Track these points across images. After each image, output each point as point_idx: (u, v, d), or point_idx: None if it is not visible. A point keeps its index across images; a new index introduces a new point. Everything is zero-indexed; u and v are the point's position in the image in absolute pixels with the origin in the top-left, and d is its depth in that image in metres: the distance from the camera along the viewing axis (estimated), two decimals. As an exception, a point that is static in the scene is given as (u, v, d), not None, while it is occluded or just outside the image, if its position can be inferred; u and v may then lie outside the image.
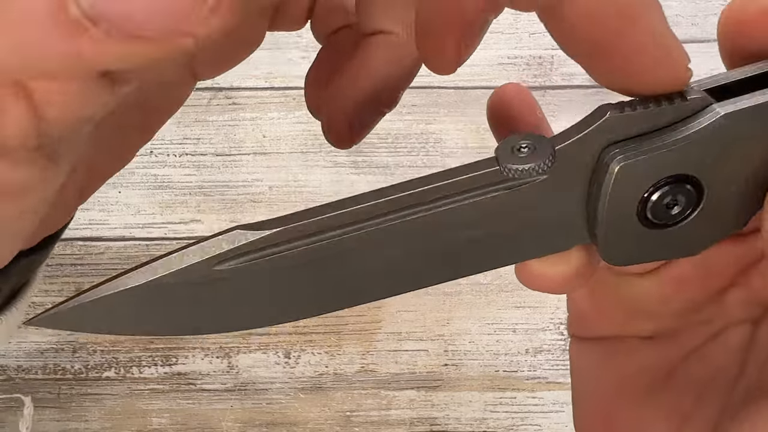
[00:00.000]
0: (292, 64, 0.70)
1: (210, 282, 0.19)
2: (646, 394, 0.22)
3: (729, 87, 0.20)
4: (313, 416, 0.70)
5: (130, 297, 0.19)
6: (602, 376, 0.22)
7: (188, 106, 0.76)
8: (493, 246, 0.19)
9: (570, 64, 0.71)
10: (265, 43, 0.28)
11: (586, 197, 0.19)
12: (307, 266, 0.20)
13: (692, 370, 0.22)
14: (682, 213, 0.19)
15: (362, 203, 0.19)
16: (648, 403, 0.22)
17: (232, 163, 0.71)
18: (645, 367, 0.22)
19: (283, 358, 0.70)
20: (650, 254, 0.20)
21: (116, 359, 0.70)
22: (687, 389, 0.21)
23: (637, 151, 0.18)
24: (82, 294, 0.20)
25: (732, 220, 0.19)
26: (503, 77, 0.71)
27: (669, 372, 0.22)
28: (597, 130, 0.19)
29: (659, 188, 0.18)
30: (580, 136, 0.19)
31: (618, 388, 0.22)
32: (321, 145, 0.70)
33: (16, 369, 0.70)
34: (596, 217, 0.18)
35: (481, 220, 0.19)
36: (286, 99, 0.70)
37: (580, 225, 0.19)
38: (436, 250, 0.19)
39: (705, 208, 0.19)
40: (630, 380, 0.22)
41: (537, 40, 0.71)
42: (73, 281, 0.70)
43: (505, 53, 0.71)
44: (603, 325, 0.23)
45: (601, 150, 0.19)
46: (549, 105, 0.70)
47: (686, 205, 0.19)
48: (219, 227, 0.76)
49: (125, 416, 0.70)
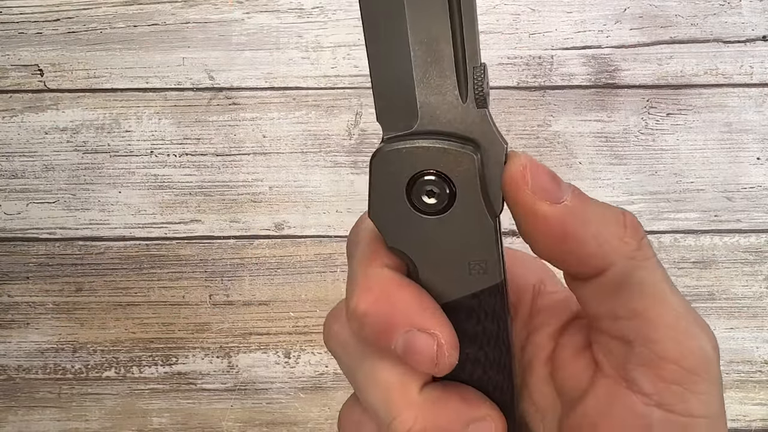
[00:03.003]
0: (292, 64, 0.70)
1: None
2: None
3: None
4: (313, 416, 0.70)
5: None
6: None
7: (188, 106, 0.76)
8: None
9: (570, 64, 0.71)
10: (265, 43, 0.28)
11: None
12: None
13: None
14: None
15: None
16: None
17: (232, 163, 0.71)
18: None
19: (283, 358, 0.70)
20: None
21: (116, 359, 0.70)
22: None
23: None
24: None
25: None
26: (503, 77, 0.71)
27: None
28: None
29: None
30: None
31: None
32: (321, 145, 0.71)
33: (17, 369, 0.71)
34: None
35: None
36: (286, 99, 0.70)
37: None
38: None
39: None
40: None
41: (537, 40, 0.71)
42: (74, 281, 0.70)
43: (505, 53, 0.71)
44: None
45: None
46: (549, 105, 0.70)
47: (442, 199, 0.23)
48: (219, 227, 0.76)
49: (125, 416, 0.70)
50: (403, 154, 0.23)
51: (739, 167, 0.70)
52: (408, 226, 0.23)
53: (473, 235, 0.23)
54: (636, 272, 0.23)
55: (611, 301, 0.23)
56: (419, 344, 0.23)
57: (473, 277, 0.24)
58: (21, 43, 0.71)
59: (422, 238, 0.23)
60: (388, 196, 0.23)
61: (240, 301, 0.70)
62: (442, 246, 0.23)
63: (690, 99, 0.70)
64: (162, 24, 0.71)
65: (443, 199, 0.23)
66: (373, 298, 0.23)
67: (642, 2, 0.71)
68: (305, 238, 0.70)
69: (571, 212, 0.23)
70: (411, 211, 0.23)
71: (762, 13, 0.71)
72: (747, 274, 0.70)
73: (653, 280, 0.23)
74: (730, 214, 0.70)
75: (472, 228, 0.23)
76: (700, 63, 0.71)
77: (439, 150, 0.23)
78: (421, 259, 0.24)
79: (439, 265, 0.24)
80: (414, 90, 0.23)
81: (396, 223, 0.23)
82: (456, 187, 0.23)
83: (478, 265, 0.24)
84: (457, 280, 0.24)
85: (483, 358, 0.25)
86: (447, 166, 0.23)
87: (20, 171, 0.71)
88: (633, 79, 0.71)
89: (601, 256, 0.23)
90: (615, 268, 0.23)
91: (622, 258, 0.23)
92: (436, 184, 0.23)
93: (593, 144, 0.70)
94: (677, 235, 0.70)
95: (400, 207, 0.23)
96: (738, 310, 0.70)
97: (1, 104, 0.71)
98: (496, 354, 0.25)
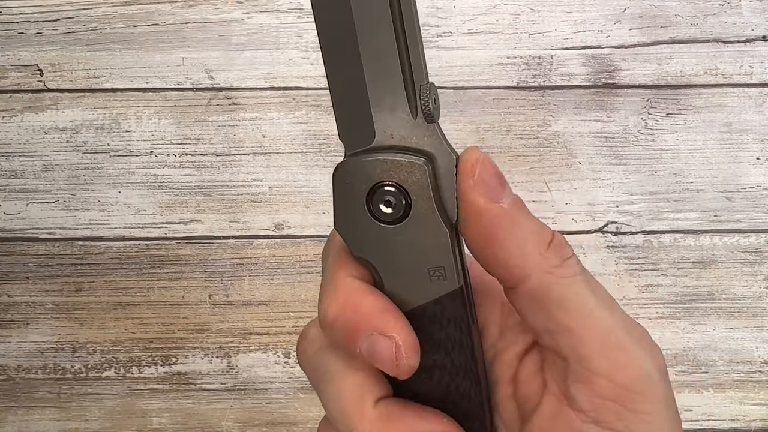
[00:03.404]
0: (292, 64, 0.70)
1: None
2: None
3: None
4: (313, 416, 0.70)
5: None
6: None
7: (188, 106, 0.76)
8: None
9: (569, 64, 0.71)
10: (265, 43, 0.28)
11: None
12: None
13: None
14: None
15: None
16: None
17: (232, 163, 0.71)
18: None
19: (283, 358, 0.70)
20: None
21: (116, 359, 0.70)
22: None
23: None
24: None
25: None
26: (503, 77, 0.71)
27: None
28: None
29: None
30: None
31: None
32: (321, 145, 0.71)
33: (16, 369, 0.71)
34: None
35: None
36: (286, 99, 0.70)
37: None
38: None
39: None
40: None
41: (537, 40, 0.71)
42: (74, 281, 0.70)
43: (505, 53, 0.71)
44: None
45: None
46: (548, 105, 0.70)
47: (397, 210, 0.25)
48: (219, 227, 0.76)
49: (125, 416, 0.70)
50: (361, 168, 0.25)
51: (739, 167, 0.70)
52: (370, 236, 0.25)
53: (430, 242, 0.25)
54: (554, 287, 0.24)
55: (538, 313, 0.24)
56: (379, 347, 0.24)
57: (433, 284, 0.25)
58: (21, 43, 0.71)
59: (383, 247, 0.25)
60: (350, 208, 0.25)
61: (240, 301, 0.70)
62: (402, 254, 0.25)
63: (690, 99, 0.70)
64: (162, 24, 0.71)
65: (400, 209, 0.25)
66: (339, 305, 0.24)
67: (642, 2, 0.71)
68: (305, 238, 0.70)
69: (504, 214, 0.24)
70: (372, 220, 0.25)
71: (762, 13, 0.71)
72: (747, 274, 0.70)
73: (574, 297, 0.24)
74: (730, 214, 0.70)
75: (428, 236, 0.25)
76: (700, 63, 0.71)
77: (393, 162, 0.24)
78: (384, 268, 0.25)
79: (401, 273, 0.25)
80: (370, 110, 0.25)
81: (359, 233, 0.25)
82: (411, 196, 0.25)
83: (437, 272, 0.25)
84: (419, 287, 0.25)
85: (449, 364, 0.26)
86: (401, 177, 0.24)
87: (20, 171, 0.71)
88: (633, 79, 0.71)
89: (520, 266, 0.24)
90: (532, 280, 0.24)
91: (539, 271, 0.24)
92: (393, 194, 0.24)
93: (593, 144, 0.70)
94: (677, 235, 0.70)
95: (361, 217, 0.25)
96: (738, 310, 0.70)
97: (1, 104, 0.71)
98: (462, 360, 0.26)
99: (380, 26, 0.24)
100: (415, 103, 0.25)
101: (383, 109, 0.25)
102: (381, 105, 0.25)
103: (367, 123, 0.25)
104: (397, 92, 0.25)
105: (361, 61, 0.24)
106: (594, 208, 0.70)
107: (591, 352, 0.23)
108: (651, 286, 0.70)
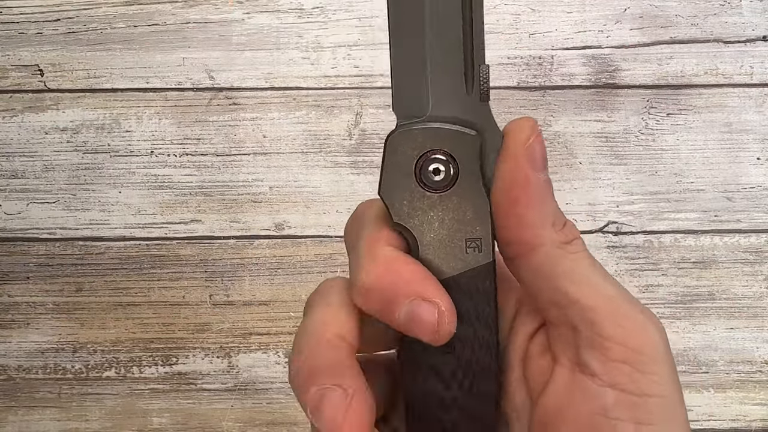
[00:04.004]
0: (292, 64, 0.70)
1: None
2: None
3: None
4: (313, 416, 0.70)
5: None
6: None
7: (188, 106, 0.76)
8: None
9: (570, 64, 0.71)
10: (266, 44, 0.28)
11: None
12: None
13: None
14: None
15: None
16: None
17: (232, 163, 0.71)
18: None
19: (283, 358, 0.70)
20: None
21: (116, 359, 0.70)
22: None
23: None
24: None
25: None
26: (503, 77, 0.71)
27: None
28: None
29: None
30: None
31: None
32: (321, 145, 0.71)
33: (17, 369, 0.71)
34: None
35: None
36: (287, 99, 0.70)
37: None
38: None
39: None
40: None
41: (537, 40, 0.71)
42: (74, 281, 0.70)
43: (505, 53, 0.71)
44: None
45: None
46: (549, 105, 0.70)
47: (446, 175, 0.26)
48: (219, 227, 0.76)
49: (125, 416, 0.70)
50: (415, 135, 0.26)
51: (739, 167, 0.70)
52: (413, 203, 0.26)
53: (471, 213, 0.26)
54: (562, 260, 0.25)
55: (545, 286, 0.25)
56: (422, 312, 0.25)
57: (469, 255, 0.26)
58: (21, 43, 0.71)
59: (425, 215, 0.26)
60: (398, 174, 0.26)
61: (240, 301, 0.70)
62: (443, 223, 0.26)
63: (690, 99, 0.70)
64: (162, 24, 0.71)
65: (448, 177, 0.26)
66: (379, 272, 0.25)
67: (642, 2, 0.71)
68: (305, 239, 0.70)
69: (541, 187, 0.25)
70: (418, 187, 0.26)
71: (762, 13, 0.71)
72: (747, 274, 0.70)
73: (580, 269, 0.25)
74: (730, 214, 0.70)
75: (470, 206, 0.26)
76: (700, 63, 0.71)
77: (447, 132, 0.26)
78: (423, 236, 0.26)
79: (439, 242, 0.26)
80: (428, 82, 0.26)
81: (403, 199, 0.26)
82: (459, 165, 0.26)
83: (474, 243, 0.26)
84: (454, 257, 0.26)
85: (472, 335, 0.27)
86: (453, 146, 0.26)
87: (20, 171, 0.71)
88: (633, 79, 0.71)
89: (537, 234, 0.25)
90: (543, 249, 0.25)
91: (551, 243, 0.25)
92: (443, 162, 0.26)
93: (593, 144, 0.70)
94: (677, 235, 0.70)
95: (408, 184, 0.26)
96: (738, 310, 0.70)
97: (1, 104, 0.71)
98: (485, 333, 0.27)
99: (450, 4, 0.25)
100: (472, 80, 0.26)
101: (440, 82, 0.26)
102: (439, 79, 0.26)
103: (423, 94, 0.26)
104: (456, 68, 0.26)
105: (425, 35, 0.25)
106: (594, 208, 0.70)
107: (602, 320, 0.24)
108: (651, 286, 0.70)
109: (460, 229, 0.26)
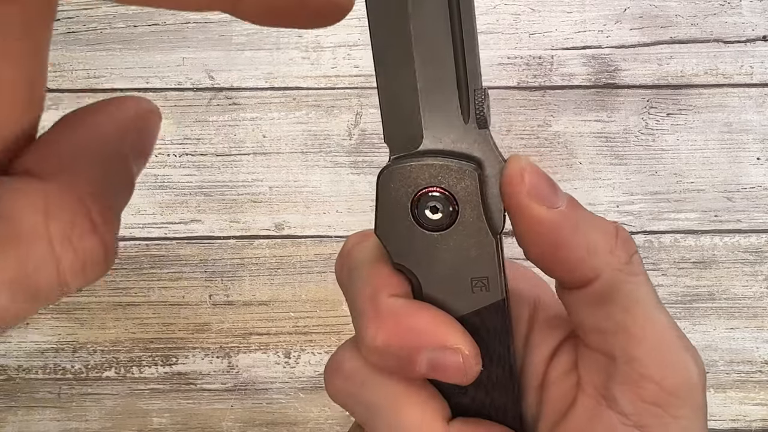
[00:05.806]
0: (292, 64, 0.70)
1: None
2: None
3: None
4: (313, 416, 0.70)
5: None
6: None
7: (188, 106, 0.76)
8: None
9: (570, 64, 0.71)
10: (266, 44, 0.28)
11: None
12: None
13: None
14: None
15: None
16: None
17: (232, 163, 0.71)
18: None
19: (283, 358, 0.70)
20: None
21: (116, 359, 0.70)
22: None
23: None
24: None
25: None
26: (503, 77, 0.71)
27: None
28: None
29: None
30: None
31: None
32: (321, 145, 0.71)
33: (17, 369, 0.71)
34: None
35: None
36: (287, 99, 0.70)
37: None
38: None
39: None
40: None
41: (537, 40, 0.71)
42: (74, 281, 0.70)
43: (505, 53, 0.71)
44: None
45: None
46: (549, 105, 0.70)
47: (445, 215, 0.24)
48: (219, 227, 0.76)
49: (125, 416, 0.70)
50: (409, 172, 0.24)
51: (739, 167, 0.70)
52: (412, 243, 0.24)
53: (475, 251, 0.24)
54: (623, 286, 0.23)
55: (597, 313, 0.23)
56: (446, 360, 0.23)
57: (475, 294, 0.24)
58: (21, 43, 0.71)
59: (426, 255, 0.24)
60: (394, 213, 0.24)
61: (240, 301, 0.70)
62: (446, 263, 0.24)
63: (690, 99, 0.70)
64: (162, 24, 0.71)
65: (446, 215, 0.24)
66: (388, 330, 0.23)
67: (642, 2, 0.71)
68: (305, 239, 0.70)
69: (565, 218, 0.23)
70: (415, 227, 0.24)
71: (762, 13, 0.71)
72: (747, 274, 0.70)
73: (639, 297, 0.23)
74: (730, 214, 0.70)
75: (473, 244, 0.24)
76: (700, 63, 0.71)
77: (442, 167, 0.23)
78: (425, 276, 0.24)
79: (443, 283, 0.24)
80: (419, 113, 0.24)
81: (401, 239, 0.24)
82: (458, 203, 0.24)
83: (480, 282, 0.24)
84: (460, 297, 0.24)
85: (485, 378, 0.25)
86: (450, 182, 0.24)
87: (20, 171, 0.71)
88: (633, 79, 0.71)
89: (590, 266, 0.23)
90: (602, 280, 0.23)
91: (610, 270, 0.23)
92: (440, 200, 0.24)
93: (593, 144, 0.70)
94: (677, 235, 0.70)
95: (405, 223, 0.24)
96: (738, 311, 0.70)
97: (1, 104, 0.71)
98: (500, 374, 0.25)
99: (437, 26, 0.23)
100: (468, 107, 0.24)
101: (434, 112, 0.24)
102: (432, 108, 0.24)
103: (416, 126, 0.24)
104: (450, 95, 0.24)
105: (413, 61, 0.23)
106: (594, 209, 0.70)
107: (643, 355, 0.23)
108: (651, 286, 0.70)
109: (464, 268, 0.24)
